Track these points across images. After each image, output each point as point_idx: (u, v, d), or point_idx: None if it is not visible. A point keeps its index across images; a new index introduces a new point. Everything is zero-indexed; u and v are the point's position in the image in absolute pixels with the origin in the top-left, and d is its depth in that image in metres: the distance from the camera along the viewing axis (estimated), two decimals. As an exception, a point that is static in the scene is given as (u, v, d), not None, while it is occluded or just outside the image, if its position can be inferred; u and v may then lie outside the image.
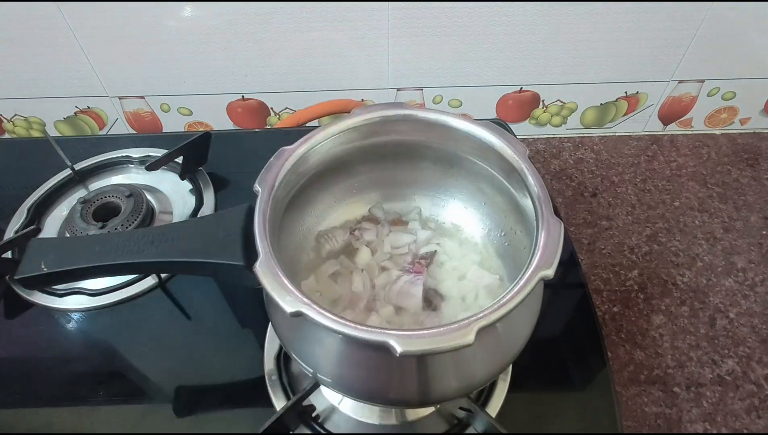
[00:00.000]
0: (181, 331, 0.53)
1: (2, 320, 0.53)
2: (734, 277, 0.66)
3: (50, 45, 0.73)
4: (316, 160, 0.42)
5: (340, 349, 0.34)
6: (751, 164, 0.81)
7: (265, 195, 0.36)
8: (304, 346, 0.36)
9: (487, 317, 0.30)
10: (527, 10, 0.71)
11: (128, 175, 0.68)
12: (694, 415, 0.54)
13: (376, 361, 0.34)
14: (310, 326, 0.33)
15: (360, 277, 0.45)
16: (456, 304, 0.44)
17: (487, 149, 0.41)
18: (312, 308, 0.31)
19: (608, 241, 0.70)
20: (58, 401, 0.48)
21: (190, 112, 0.83)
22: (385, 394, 0.36)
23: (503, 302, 0.31)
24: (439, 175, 0.48)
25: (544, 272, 0.32)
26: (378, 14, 0.71)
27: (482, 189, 0.46)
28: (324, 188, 0.47)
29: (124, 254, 0.38)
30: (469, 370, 0.36)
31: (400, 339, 0.29)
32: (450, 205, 0.50)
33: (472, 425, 0.45)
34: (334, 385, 0.36)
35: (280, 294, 0.31)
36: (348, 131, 0.42)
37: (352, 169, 0.47)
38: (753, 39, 0.75)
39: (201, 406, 0.47)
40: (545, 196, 0.36)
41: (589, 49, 0.76)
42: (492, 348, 0.36)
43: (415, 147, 0.45)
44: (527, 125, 0.87)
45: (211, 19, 0.71)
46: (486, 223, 0.48)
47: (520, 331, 0.38)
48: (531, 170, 0.38)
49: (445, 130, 0.42)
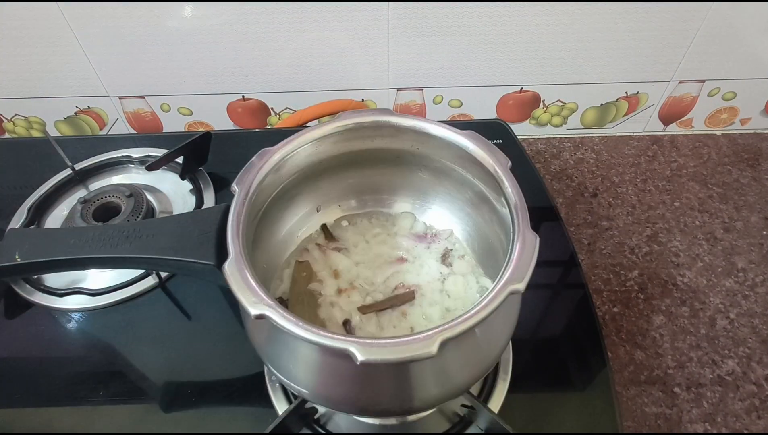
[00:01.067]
0: (181, 331, 0.53)
1: (2, 320, 0.53)
2: (734, 277, 0.66)
3: (50, 45, 0.73)
4: (298, 162, 0.42)
5: (310, 357, 0.34)
6: (752, 164, 0.81)
7: (242, 195, 0.36)
8: (278, 355, 0.36)
9: (452, 329, 0.30)
10: (527, 10, 0.71)
11: (128, 175, 0.68)
12: (695, 416, 0.54)
13: (347, 370, 0.33)
14: (278, 333, 0.32)
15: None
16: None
17: (468, 158, 0.41)
18: (276, 311, 0.30)
19: (608, 242, 0.70)
20: (58, 401, 0.48)
21: (190, 112, 0.83)
22: (360, 404, 0.35)
23: (470, 315, 0.30)
24: (422, 182, 0.48)
25: (515, 286, 0.32)
26: (378, 14, 0.71)
27: (464, 197, 0.46)
28: (305, 192, 0.47)
29: (98, 248, 0.38)
30: (445, 377, 0.35)
31: (361, 347, 0.29)
32: (431, 212, 0.50)
33: (474, 422, 0.45)
34: (311, 396, 0.36)
35: (245, 295, 0.31)
36: (332, 135, 0.42)
37: (335, 174, 0.47)
38: (753, 39, 0.75)
39: (201, 406, 0.47)
40: (523, 209, 0.36)
41: (590, 50, 0.76)
42: (467, 356, 0.36)
43: (398, 154, 0.45)
44: (527, 125, 0.87)
45: (212, 19, 0.71)
46: (468, 231, 0.48)
47: (496, 339, 0.37)
48: (510, 182, 0.38)
49: (428, 139, 0.42)
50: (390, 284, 0.45)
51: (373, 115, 0.42)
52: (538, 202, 0.64)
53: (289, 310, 0.31)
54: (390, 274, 0.46)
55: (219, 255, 0.35)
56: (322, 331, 0.30)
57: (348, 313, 0.43)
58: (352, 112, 0.42)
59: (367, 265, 0.47)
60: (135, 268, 0.53)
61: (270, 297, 0.31)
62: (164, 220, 0.42)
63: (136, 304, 0.54)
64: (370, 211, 0.51)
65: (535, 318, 0.53)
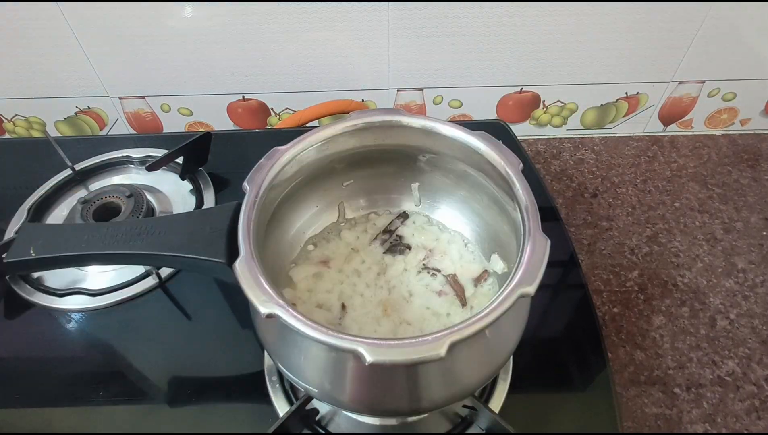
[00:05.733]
0: (181, 331, 0.53)
1: (2, 320, 0.53)
2: (734, 278, 0.66)
3: (50, 45, 0.73)
4: (309, 162, 0.42)
5: (319, 356, 0.34)
6: (752, 165, 0.81)
7: (253, 194, 0.36)
8: (287, 354, 0.36)
9: (461, 332, 0.30)
10: (527, 11, 0.71)
11: (128, 175, 0.68)
12: (695, 416, 0.54)
13: (356, 370, 0.33)
14: (288, 332, 0.32)
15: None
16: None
17: (479, 159, 0.40)
18: (286, 311, 0.30)
19: (608, 242, 0.70)
20: (58, 401, 0.48)
21: (190, 112, 0.83)
22: (369, 404, 0.35)
23: (479, 317, 0.30)
24: (432, 182, 0.48)
25: (525, 289, 0.31)
26: (378, 14, 0.71)
27: (475, 197, 0.46)
28: (314, 192, 0.47)
29: (111, 244, 0.38)
30: (453, 379, 0.35)
31: (370, 348, 0.29)
32: (441, 212, 0.50)
33: (476, 423, 0.45)
34: (320, 395, 0.36)
35: (255, 294, 0.31)
36: (342, 135, 0.42)
37: (345, 173, 0.47)
38: (753, 39, 0.75)
39: (201, 406, 0.47)
40: (534, 211, 0.36)
41: (590, 50, 0.76)
42: (476, 358, 0.36)
43: (408, 153, 0.45)
44: (527, 126, 0.87)
45: (212, 20, 0.71)
46: (477, 232, 0.48)
47: (506, 342, 0.37)
48: (522, 184, 0.37)
49: (439, 139, 0.42)
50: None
51: (383, 115, 0.42)
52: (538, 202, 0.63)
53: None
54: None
55: (229, 253, 0.36)
56: (331, 331, 0.30)
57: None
58: (362, 112, 0.42)
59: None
60: (146, 264, 0.54)
61: (280, 296, 0.31)
62: (176, 217, 0.42)
63: (136, 304, 0.54)
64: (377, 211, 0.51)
65: (536, 318, 0.53)
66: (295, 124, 0.77)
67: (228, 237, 0.36)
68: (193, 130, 0.86)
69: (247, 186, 0.37)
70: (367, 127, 0.42)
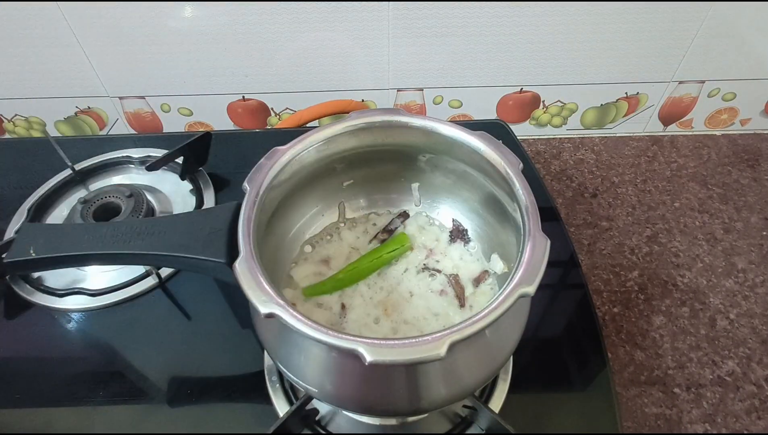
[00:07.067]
0: (181, 331, 0.53)
1: (2, 320, 0.53)
2: (734, 278, 0.66)
3: (50, 45, 0.73)
4: (309, 162, 0.42)
5: (319, 356, 0.34)
6: (752, 165, 0.81)
7: (253, 194, 0.36)
8: (287, 354, 0.36)
9: (461, 332, 0.30)
10: (527, 11, 0.71)
11: (128, 175, 0.68)
12: (695, 416, 0.54)
13: (356, 370, 0.33)
14: (288, 332, 0.32)
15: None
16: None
17: (480, 159, 0.40)
18: (286, 311, 0.30)
19: (608, 242, 0.70)
20: (58, 401, 0.48)
21: (190, 112, 0.83)
22: (368, 404, 0.35)
23: (480, 317, 0.30)
24: (432, 182, 0.48)
25: (525, 289, 0.31)
26: (378, 14, 0.71)
27: (475, 197, 0.46)
28: (315, 192, 0.47)
29: (111, 244, 0.38)
30: (453, 379, 0.35)
31: (370, 347, 0.29)
32: (441, 212, 0.50)
33: (476, 423, 0.45)
34: (320, 395, 0.36)
35: (255, 294, 0.31)
36: (342, 135, 0.42)
37: (345, 174, 0.47)
38: (753, 39, 0.75)
39: (201, 406, 0.47)
40: (534, 211, 0.36)
41: (590, 50, 0.76)
42: (476, 358, 0.36)
43: (408, 153, 0.45)
44: (527, 126, 0.87)
45: (212, 19, 0.71)
46: (477, 232, 0.48)
47: (506, 341, 0.37)
48: (522, 184, 0.37)
49: (439, 139, 0.42)
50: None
51: (383, 115, 0.42)
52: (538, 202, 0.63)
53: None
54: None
55: (229, 253, 0.36)
56: (331, 331, 0.30)
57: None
58: (362, 111, 0.42)
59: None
60: (146, 264, 0.54)
61: (280, 296, 0.31)
62: (176, 217, 0.42)
63: (136, 304, 0.54)
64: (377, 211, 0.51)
65: (536, 318, 0.53)
66: (295, 124, 0.77)
67: (228, 237, 0.36)
68: (193, 130, 0.86)
69: (247, 186, 0.37)
70: (367, 127, 0.42)
